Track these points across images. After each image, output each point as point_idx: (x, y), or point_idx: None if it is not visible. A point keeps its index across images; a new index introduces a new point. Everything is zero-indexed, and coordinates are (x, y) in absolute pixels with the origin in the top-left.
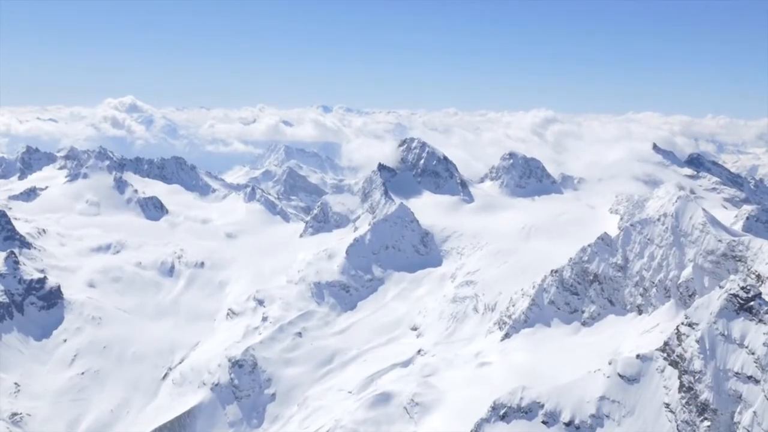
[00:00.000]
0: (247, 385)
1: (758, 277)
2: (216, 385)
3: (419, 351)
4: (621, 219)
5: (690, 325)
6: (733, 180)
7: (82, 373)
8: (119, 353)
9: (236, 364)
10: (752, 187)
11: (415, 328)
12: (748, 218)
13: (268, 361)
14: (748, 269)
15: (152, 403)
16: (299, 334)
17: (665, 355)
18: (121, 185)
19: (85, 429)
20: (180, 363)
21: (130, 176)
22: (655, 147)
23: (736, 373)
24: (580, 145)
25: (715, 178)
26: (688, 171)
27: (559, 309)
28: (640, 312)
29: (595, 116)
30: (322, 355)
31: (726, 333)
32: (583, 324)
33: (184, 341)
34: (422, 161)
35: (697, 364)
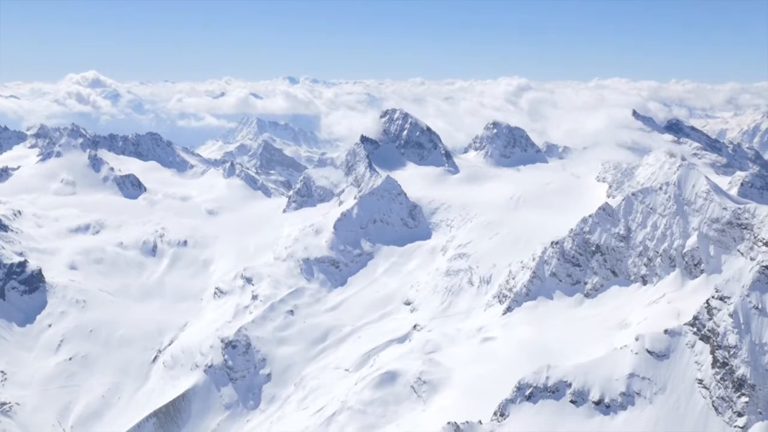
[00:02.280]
0: (241, 366)
1: (766, 245)
2: (209, 366)
3: (415, 326)
4: (609, 187)
5: (721, 298)
6: (712, 145)
7: (70, 359)
8: (106, 337)
9: (229, 345)
10: (730, 152)
11: (408, 303)
12: (742, 184)
13: (262, 341)
14: (755, 237)
15: (144, 387)
16: (291, 312)
17: (695, 329)
18: (96, 163)
19: (76, 416)
20: (169, 345)
21: (104, 154)
22: (634, 113)
23: None
24: (557, 113)
25: (695, 144)
26: (669, 137)
27: (560, 281)
28: (644, 282)
29: (562, 83)
30: (316, 332)
31: (760, 306)
32: (586, 296)
33: (172, 322)
34: (405, 132)
35: (732, 339)
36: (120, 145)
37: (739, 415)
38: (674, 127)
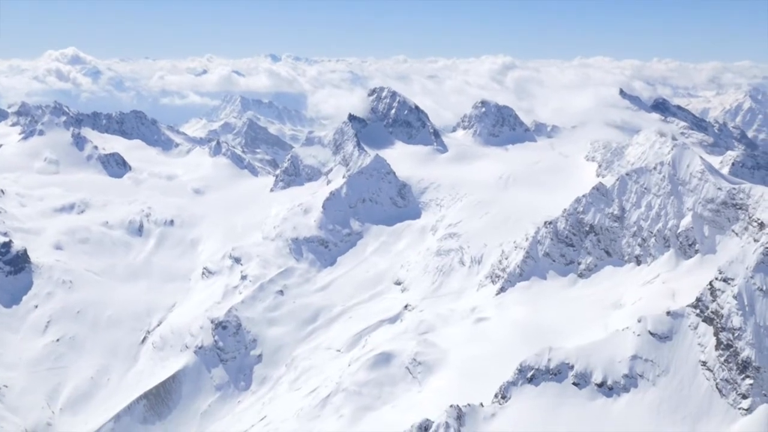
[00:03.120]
0: (232, 346)
1: (761, 225)
2: (200, 348)
3: (406, 306)
4: (599, 166)
5: (725, 280)
6: (698, 124)
7: (57, 340)
8: (94, 318)
9: (220, 326)
10: (716, 131)
11: (398, 283)
12: (733, 164)
13: (252, 321)
14: (750, 217)
15: (133, 369)
16: (281, 292)
17: (698, 311)
18: (79, 141)
19: (65, 398)
20: (158, 326)
21: (88, 132)
22: (621, 92)
23: None
24: (543, 92)
25: (682, 123)
26: (656, 116)
27: (554, 261)
28: (638, 263)
29: (545, 62)
30: (306, 313)
31: (764, 288)
32: (580, 276)
33: (160, 303)
34: (393, 111)
35: (736, 321)
36: (104, 123)
37: (744, 397)
38: (661, 107)
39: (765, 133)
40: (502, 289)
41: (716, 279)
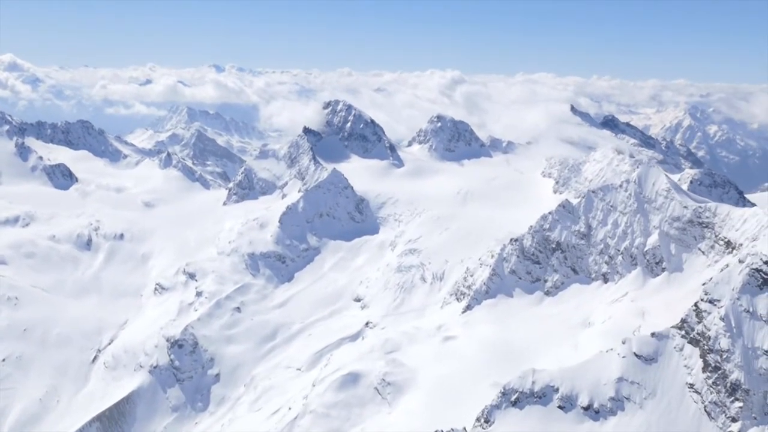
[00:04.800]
0: (188, 366)
1: (727, 243)
2: (155, 367)
3: (368, 323)
4: (556, 183)
5: (711, 301)
6: (646, 141)
7: (3, 360)
8: (42, 336)
9: (176, 344)
10: (663, 148)
11: (358, 299)
12: (692, 182)
13: (209, 340)
14: (716, 236)
15: (84, 390)
16: (238, 309)
17: (683, 333)
18: (23, 152)
19: (13, 421)
20: (110, 344)
21: (32, 142)
22: (573, 109)
23: (766, 351)
24: (493, 107)
25: (632, 140)
26: (608, 133)
27: (520, 279)
28: (605, 280)
29: (488, 77)
30: (264, 330)
31: (751, 309)
32: (547, 293)
33: (111, 320)
34: (349, 124)
35: (724, 343)
36: (48, 133)
37: (733, 420)
38: (610, 123)
39: (704, 150)
40: (469, 307)
41: (702, 300)
